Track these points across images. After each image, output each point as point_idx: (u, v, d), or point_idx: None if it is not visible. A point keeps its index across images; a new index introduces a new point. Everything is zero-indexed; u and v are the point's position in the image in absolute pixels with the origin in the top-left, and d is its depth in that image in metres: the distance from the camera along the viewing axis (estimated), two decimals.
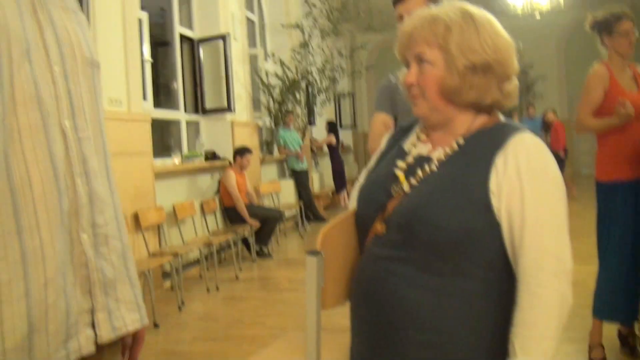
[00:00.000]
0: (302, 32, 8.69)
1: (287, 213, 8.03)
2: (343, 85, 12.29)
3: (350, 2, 8.64)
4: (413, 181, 1.32)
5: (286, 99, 8.16)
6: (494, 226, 1.23)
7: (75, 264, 1.08)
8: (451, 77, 1.30)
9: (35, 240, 1.00)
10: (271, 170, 8.56)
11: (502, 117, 1.40)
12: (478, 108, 1.35)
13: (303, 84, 8.62)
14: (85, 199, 1.08)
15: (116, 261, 1.16)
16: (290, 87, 8.15)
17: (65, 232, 1.05)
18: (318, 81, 9.06)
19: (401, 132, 1.54)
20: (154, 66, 6.06)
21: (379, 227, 1.33)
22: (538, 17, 7.91)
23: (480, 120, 1.36)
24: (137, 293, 1.21)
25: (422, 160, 1.36)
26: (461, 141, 1.33)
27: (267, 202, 7.67)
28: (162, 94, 6.50)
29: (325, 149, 10.56)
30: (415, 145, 1.42)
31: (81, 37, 1.15)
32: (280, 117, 8.11)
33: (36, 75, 1.02)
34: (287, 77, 8.15)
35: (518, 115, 11.30)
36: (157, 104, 6.06)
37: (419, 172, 1.33)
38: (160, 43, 6.53)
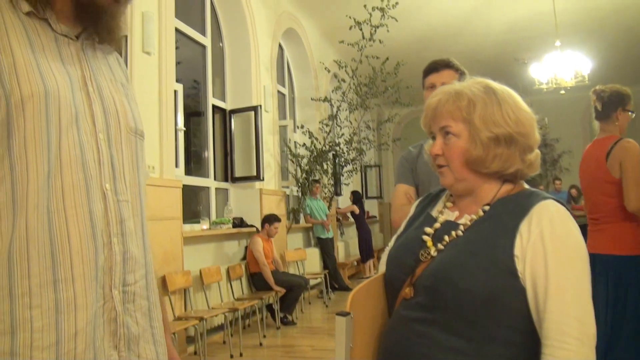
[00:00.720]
0: (331, 105, 8.94)
1: (312, 281, 8.05)
2: (370, 156, 12.48)
3: (378, 78, 8.88)
4: (440, 246, 1.37)
5: (313, 169, 8.32)
6: (519, 290, 1.26)
7: (105, 318, 1.14)
8: (475, 149, 1.36)
9: (69, 292, 1.07)
10: (297, 238, 8.63)
11: (526, 185, 1.45)
12: (502, 177, 1.41)
13: (330, 155, 8.79)
14: (119, 258, 1.16)
15: (140, 319, 1.22)
16: (317, 157, 8.33)
17: (98, 287, 1.12)
18: (345, 152, 9.23)
19: (429, 199, 1.60)
20: (187, 135, 6.29)
21: (407, 290, 1.36)
22: (563, 92, 8.02)
23: (505, 188, 1.41)
24: (159, 351, 1.27)
25: (449, 226, 1.41)
26: (487, 208, 1.39)
27: (293, 270, 7.70)
28: (194, 162, 6.70)
29: (351, 218, 10.64)
30: (442, 212, 1.48)
31: (127, 108, 1.27)
32: (308, 187, 8.24)
33: (82, 140, 1.12)
34: (315, 147, 8.34)
35: (545, 188, 11.31)
36: (188, 171, 6.24)
37: (446, 238, 1.38)
38: (193, 113, 6.79)
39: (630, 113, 3.33)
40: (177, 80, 5.68)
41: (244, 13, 7.00)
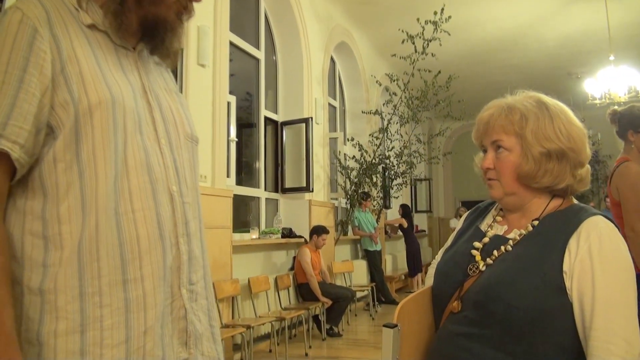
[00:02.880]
0: (382, 118, 8.96)
1: (359, 293, 8.04)
2: (420, 170, 12.41)
3: (430, 92, 8.85)
4: (489, 260, 1.38)
5: (363, 182, 8.33)
6: (567, 307, 1.26)
7: (174, 317, 1.20)
8: (527, 163, 1.37)
9: (138, 291, 1.12)
10: (345, 250, 8.65)
11: (575, 201, 1.45)
12: (552, 192, 1.41)
13: (380, 168, 8.79)
14: (186, 257, 1.22)
15: (202, 317, 1.28)
16: (367, 170, 8.34)
17: (166, 286, 1.17)
18: (395, 165, 9.21)
19: (478, 212, 1.61)
20: (239, 145, 6.41)
21: (455, 304, 1.37)
22: (616, 107, 7.84)
23: (555, 203, 1.41)
24: (219, 350, 1.32)
25: (498, 240, 1.42)
26: (536, 223, 1.38)
27: (340, 282, 7.72)
28: (245, 172, 6.82)
29: (400, 232, 10.59)
30: (491, 227, 1.48)
31: (183, 115, 1.33)
32: (356, 199, 8.26)
33: (147, 145, 1.18)
34: (364, 160, 8.36)
35: (597, 205, 11.01)
36: (239, 181, 6.36)
37: (495, 252, 1.38)
38: (245, 124, 6.91)
39: None
40: (230, 92, 5.80)
41: (297, 27, 7.11)
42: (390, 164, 9.07)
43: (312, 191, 7.00)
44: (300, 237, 6.74)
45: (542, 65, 10.90)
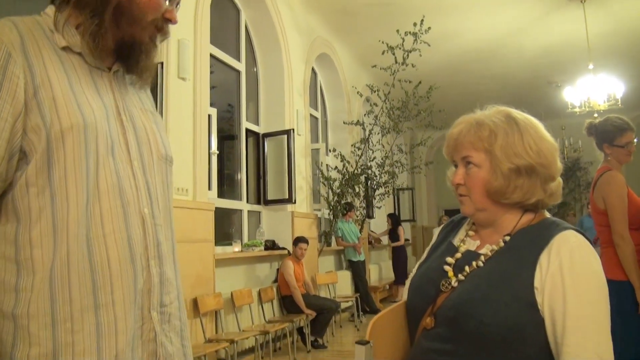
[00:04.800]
0: (363, 128, 8.99)
1: (343, 304, 8.03)
2: (402, 179, 12.45)
3: (410, 102, 8.90)
4: (461, 276, 1.37)
5: (345, 192, 8.34)
6: (539, 323, 1.25)
7: (144, 339, 1.20)
8: (496, 179, 1.36)
9: (109, 315, 1.13)
10: (329, 261, 8.64)
11: (547, 214, 1.44)
12: (524, 207, 1.40)
13: (362, 178, 8.80)
14: (157, 280, 1.22)
15: (174, 338, 1.27)
16: (349, 180, 8.35)
17: (137, 309, 1.18)
18: (377, 175, 9.24)
19: (452, 226, 1.60)
20: (220, 158, 6.39)
21: (428, 320, 1.36)
22: (596, 115, 7.93)
23: (526, 218, 1.40)
24: None
25: (470, 256, 1.41)
26: (507, 238, 1.38)
27: (324, 293, 7.70)
28: (227, 184, 6.79)
29: (384, 240, 10.61)
30: (464, 241, 1.48)
31: (157, 135, 1.33)
32: (339, 209, 8.26)
33: (119, 168, 1.18)
34: (347, 170, 8.37)
35: (579, 212, 11.12)
36: (221, 193, 6.33)
37: (467, 268, 1.37)
38: (227, 136, 6.90)
39: (620, 147, 3.29)
40: (211, 105, 5.80)
41: (278, 39, 7.12)
42: (372, 174, 9.09)
43: (295, 203, 6.99)
44: (284, 249, 6.72)
45: (521, 75, 11.02)
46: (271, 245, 6.64)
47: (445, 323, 1.33)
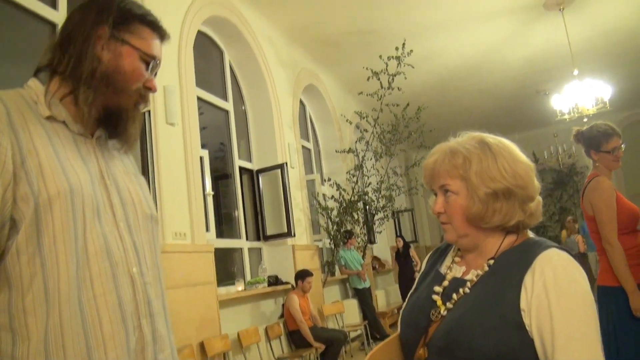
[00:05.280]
0: (356, 155, 9.03)
1: (353, 333, 7.98)
2: (401, 201, 12.47)
3: (400, 125, 8.96)
4: (449, 305, 1.38)
5: (344, 220, 8.34)
6: (528, 344, 1.26)
7: None
8: (474, 205, 1.38)
9: None
10: (334, 291, 8.60)
11: (531, 234, 1.46)
12: (505, 229, 1.41)
13: (360, 204, 8.81)
14: (150, 338, 1.25)
15: None
16: (347, 208, 8.36)
17: None
18: (375, 200, 9.25)
19: (439, 254, 1.61)
20: (216, 198, 6.41)
21: (421, 352, 1.37)
22: (585, 120, 7.99)
23: (509, 240, 1.42)
24: None
25: (456, 283, 1.43)
26: (491, 262, 1.39)
27: (332, 323, 7.66)
28: (225, 223, 6.80)
29: (390, 263, 10.59)
30: (450, 268, 1.49)
31: (142, 196, 1.38)
32: (339, 238, 8.25)
33: (105, 231, 1.22)
34: (343, 199, 8.38)
35: (579, 218, 11.12)
36: (220, 233, 6.34)
37: (454, 296, 1.39)
38: (221, 176, 6.93)
39: (607, 153, 3.33)
40: (203, 145, 5.83)
41: (263, 75, 7.19)
42: (370, 199, 9.10)
43: (294, 236, 6.99)
44: (287, 283, 6.70)
45: (509, 87, 11.11)
46: (274, 280, 6.61)
47: (437, 353, 1.33)
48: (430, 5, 7.45)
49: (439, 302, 1.41)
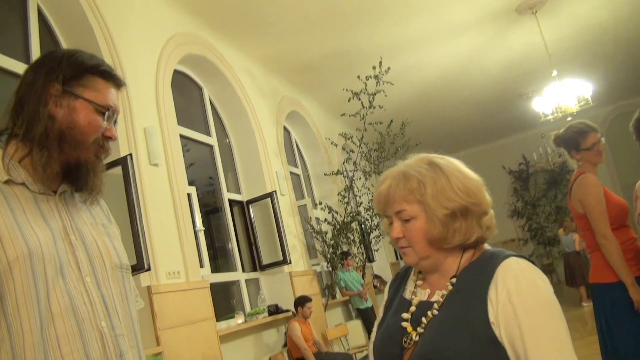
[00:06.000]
0: (345, 176, 9.06)
1: (359, 354, 7.92)
2: None
3: (386, 141, 9.01)
4: (420, 329, 1.38)
5: (339, 242, 8.34)
6: (503, 355, 1.26)
7: None
8: (435, 227, 1.38)
9: None
10: (336, 314, 8.57)
11: (487, 246, 1.47)
12: (463, 246, 1.43)
13: (354, 225, 8.82)
14: None
15: None
16: (341, 230, 8.37)
17: None
18: (369, 219, 9.25)
19: (399, 280, 1.61)
20: (208, 232, 6.42)
21: None
22: (569, 119, 8.04)
23: (467, 256, 1.43)
24: None
25: (423, 306, 1.42)
26: (453, 281, 1.40)
27: (337, 347, 7.61)
28: (220, 257, 6.80)
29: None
30: (415, 293, 1.49)
31: (110, 246, 1.39)
32: (336, 260, 8.24)
33: (70, 288, 1.23)
34: (336, 221, 8.39)
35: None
36: (215, 267, 6.33)
37: (424, 320, 1.38)
38: (212, 210, 6.94)
39: (587, 151, 3.37)
40: (192, 181, 5.85)
41: (244, 107, 7.24)
42: (363, 218, 9.11)
43: (290, 263, 6.98)
44: (288, 311, 6.68)
45: (491, 93, 11.20)
46: (274, 309, 6.59)
47: None
48: (403, 22, 7.54)
49: (409, 328, 1.40)
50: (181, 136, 5.92)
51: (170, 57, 5.74)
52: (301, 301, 6.45)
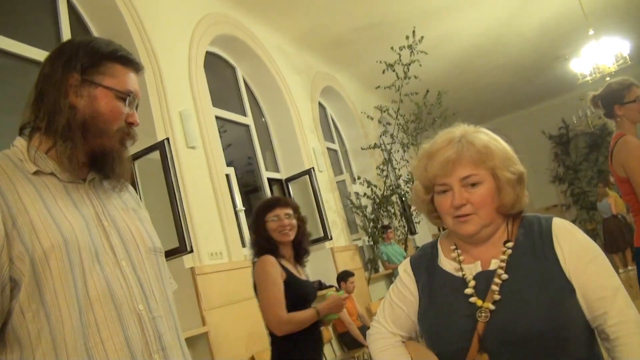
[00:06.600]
0: (383, 150, 8.99)
1: None
2: None
3: (423, 112, 8.88)
4: (496, 296, 1.35)
5: (380, 216, 8.31)
6: (578, 307, 1.33)
7: None
8: (506, 192, 1.39)
9: None
10: (380, 288, 8.57)
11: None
12: (510, 214, 1.45)
13: (394, 198, 8.77)
14: None
15: None
16: (381, 203, 8.33)
17: None
18: (409, 191, 9.18)
19: (427, 262, 1.55)
20: (249, 212, 6.45)
21: (483, 356, 1.33)
22: (608, 79, 7.81)
23: (514, 223, 1.44)
24: None
25: (483, 277, 1.40)
26: (510, 245, 1.40)
27: None
28: None
29: None
30: (462, 269, 1.45)
31: (142, 230, 1.39)
32: (377, 234, 8.22)
33: (107, 273, 1.24)
34: (376, 195, 8.35)
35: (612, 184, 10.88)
36: None
37: (494, 287, 1.36)
38: (252, 190, 6.98)
39: (630, 104, 3.25)
40: (230, 162, 5.87)
41: (278, 85, 7.23)
42: (403, 191, 9.05)
43: (331, 239, 6.99)
44: (331, 286, 6.70)
45: (528, 57, 10.90)
46: (318, 285, 6.62)
47: (501, 351, 1.32)
48: None
49: (480, 302, 1.37)
50: (217, 118, 5.95)
51: (201, 38, 5.75)
52: (344, 276, 6.47)
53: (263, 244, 3.17)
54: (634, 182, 3.10)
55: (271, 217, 3.18)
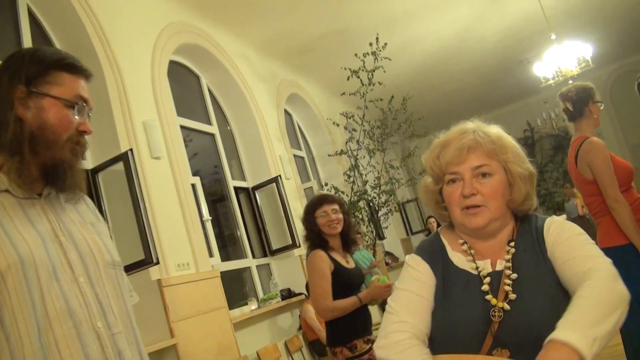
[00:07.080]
0: (349, 156, 9.02)
1: (375, 332, 7.95)
2: (404, 193, 12.44)
3: (388, 118, 8.95)
4: (512, 296, 1.34)
5: None
6: (565, 292, 1.34)
7: None
8: (518, 187, 1.40)
9: None
10: None
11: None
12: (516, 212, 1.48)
13: (361, 203, 8.79)
14: None
15: None
16: (348, 209, 8.33)
17: None
18: (376, 197, 9.23)
19: (437, 256, 1.50)
20: (216, 221, 6.41)
21: (503, 351, 1.31)
22: (571, 82, 7.98)
23: (518, 222, 1.47)
24: None
25: (495, 276, 1.39)
26: (513, 244, 1.41)
27: None
28: (229, 245, 6.80)
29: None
30: (478, 266, 1.43)
31: (101, 244, 1.37)
32: None
33: (65, 290, 1.22)
34: (343, 201, 8.35)
35: None
36: (226, 255, 6.34)
37: (506, 287, 1.36)
38: (218, 199, 6.94)
39: (599, 104, 3.39)
40: (197, 171, 5.83)
41: (242, 93, 7.20)
42: (370, 196, 9.08)
43: (300, 246, 6.98)
44: (300, 294, 6.70)
45: (491, 62, 11.08)
46: (287, 293, 6.61)
47: (521, 348, 1.31)
48: None
49: (494, 301, 1.36)
50: (182, 127, 5.91)
51: (164, 47, 5.70)
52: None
53: (314, 238, 3.58)
54: (601, 183, 3.16)
55: (320, 213, 3.62)
